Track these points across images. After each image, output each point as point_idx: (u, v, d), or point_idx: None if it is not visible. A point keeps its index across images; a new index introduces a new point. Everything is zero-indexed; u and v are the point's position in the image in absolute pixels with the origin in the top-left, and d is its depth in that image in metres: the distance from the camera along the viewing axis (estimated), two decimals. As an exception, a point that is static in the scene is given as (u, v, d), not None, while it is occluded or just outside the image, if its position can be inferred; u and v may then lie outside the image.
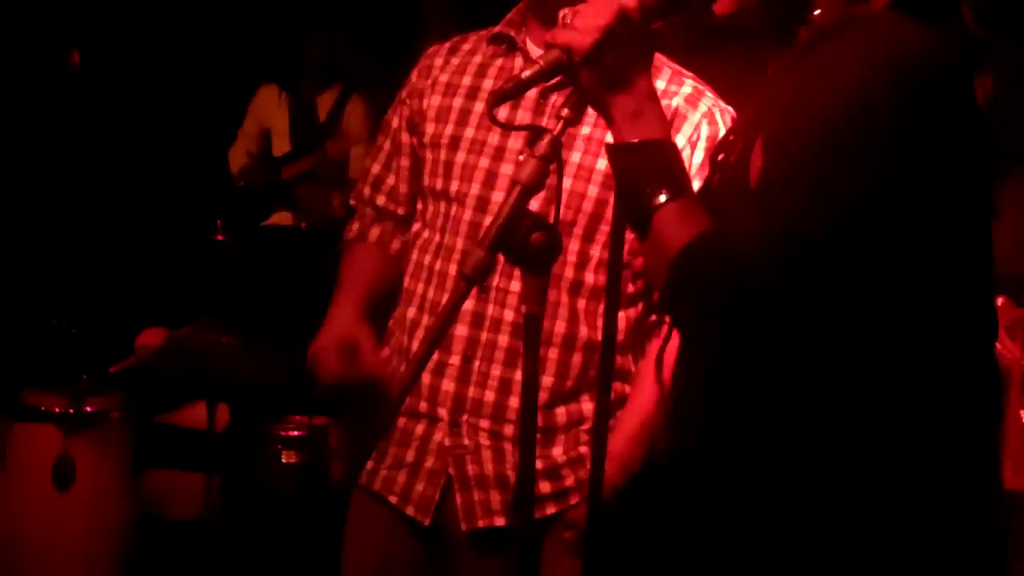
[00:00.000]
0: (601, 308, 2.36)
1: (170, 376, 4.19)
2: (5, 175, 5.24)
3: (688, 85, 2.44)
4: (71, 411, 3.98)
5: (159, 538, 4.36)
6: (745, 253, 1.45)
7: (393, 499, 2.46)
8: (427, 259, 2.50)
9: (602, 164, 2.36)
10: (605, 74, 1.55)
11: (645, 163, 1.56)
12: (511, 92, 1.57)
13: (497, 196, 2.39)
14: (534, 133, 1.55)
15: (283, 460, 4.02)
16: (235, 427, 4.40)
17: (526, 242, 1.50)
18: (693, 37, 1.75)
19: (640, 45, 1.57)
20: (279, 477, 4.03)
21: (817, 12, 1.59)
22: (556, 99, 2.29)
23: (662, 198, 1.53)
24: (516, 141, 2.41)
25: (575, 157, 2.38)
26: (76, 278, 5.21)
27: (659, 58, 2.45)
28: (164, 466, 4.46)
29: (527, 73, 1.55)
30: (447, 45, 2.60)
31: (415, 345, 2.48)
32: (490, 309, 2.40)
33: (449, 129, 2.50)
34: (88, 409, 4.02)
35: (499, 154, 2.43)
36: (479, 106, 2.47)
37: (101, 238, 5.29)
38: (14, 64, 5.80)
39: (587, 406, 2.40)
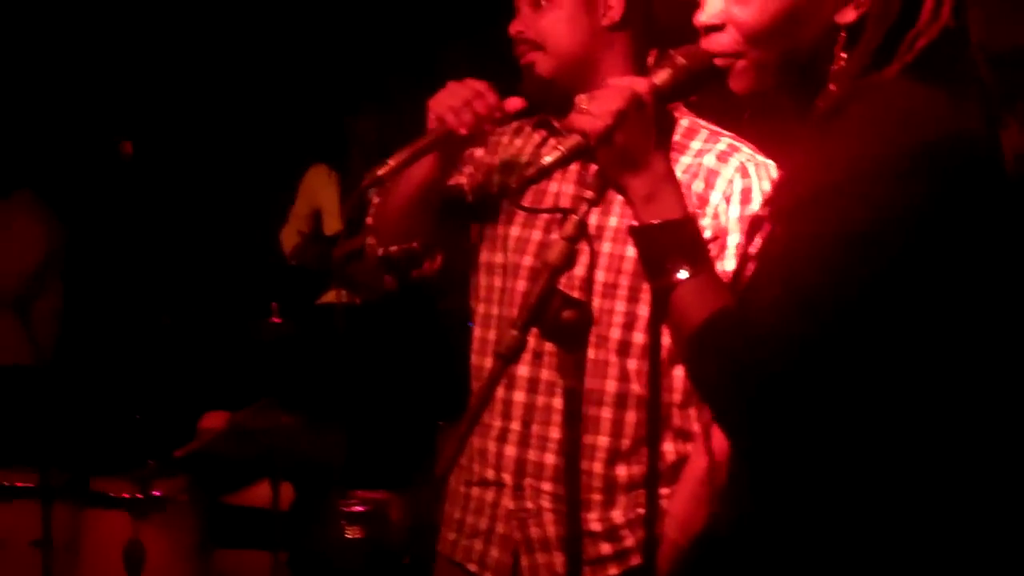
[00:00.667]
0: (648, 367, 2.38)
1: (233, 457, 4.26)
2: (66, 264, 5.36)
3: (723, 143, 2.51)
4: (139, 496, 4.06)
5: (229, 617, 4.43)
6: (757, 332, 1.49)
7: (472, 567, 2.55)
8: (490, 334, 2.58)
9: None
10: (619, 156, 1.63)
11: (663, 242, 1.63)
12: (535, 178, 1.65)
13: None
14: (562, 216, 1.62)
15: (347, 535, 4.09)
16: (299, 505, 4.46)
17: (557, 320, 1.57)
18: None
19: (654, 127, 1.65)
20: (344, 552, 4.09)
21: (832, 86, 1.63)
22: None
23: (681, 275, 1.60)
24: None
25: (612, 221, 2.46)
26: (138, 366, 5.31)
27: (696, 120, 2.54)
28: (231, 546, 4.52)
29: (548, 160, 1.63)
30: (513, 126, 2.69)
31: (490, 419, 2.55)
32: (543, 374, 2.49)
33: (506, 204, 2.60)
34: (155, 493, 4.09)
35: (549, 227, 2.52)
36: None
37: (160, 325, 5.39)
38: (69, 156, 5.94)
39: (638, 467, 2.46)
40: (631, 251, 2.39)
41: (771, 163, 2.47)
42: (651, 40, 2.54)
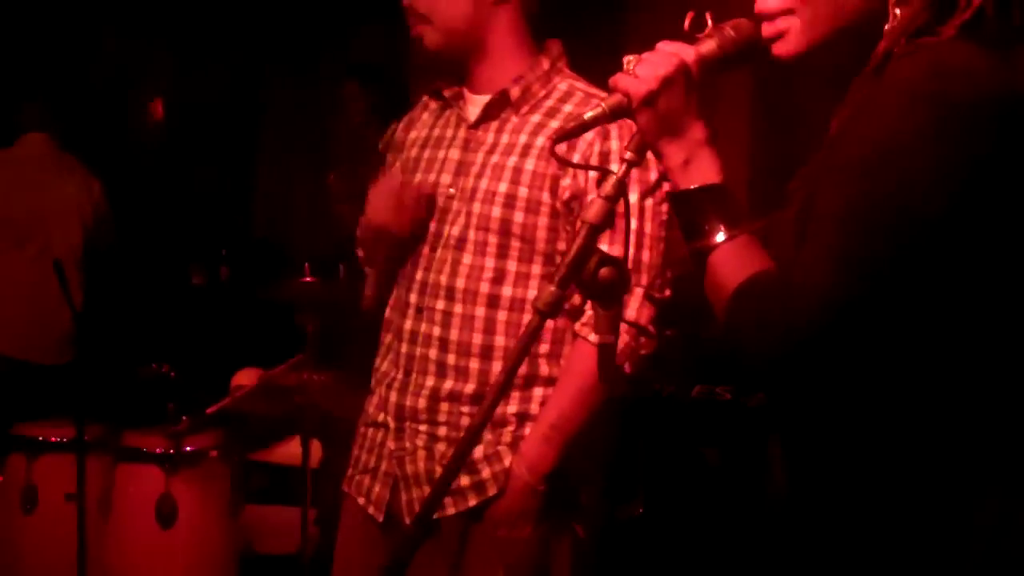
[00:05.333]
0: (522, 318, 2.61)
1: (265, 414, 4.31)
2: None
3: (591, 107, 2.59)
4: (171, 451, 4.12)
5: (258, 573, 4.48)
6: (797, 292, 1.50)
7: (361, 500, 2.76)
8: (403, 292, 2.75)
9: (503, 187, 2.60)
10: (659, 121, 1.65)
11: (700, 206, 1.65)
12: (573, 131, 1.68)
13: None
14: (602, 175, 1.64)
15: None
16: (328, 462, 4.51)
17: (595, 277, 1.60)
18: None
19: (696, 96, 1.66)
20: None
21: (883, 43, 1.61)
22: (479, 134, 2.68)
23: (718, 238, 1.63)
24: (444, 176, 2.70)
25: (483, 184, 2.64)
26: (173, 322, 5.36)
27: (574, 84, 2.69)
28: (261, 502, 4.57)
29: (589, 115, 1.65)
30: (423, 100, 2.88)
31: (386, 367, 2.77)
32: (423, 327, 2.68)
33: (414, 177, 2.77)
34: (188, 449, 4.16)
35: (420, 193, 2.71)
36: (428, 152, 2.77)
37: (195, 284, 5.44)
38: (104, 115, 5.97)
39: (510, 408, 2.63)
40: (496, 211, 2.60)
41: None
42: (542, 11, 2.73)
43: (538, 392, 2.63)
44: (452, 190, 2.67)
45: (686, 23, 1.71)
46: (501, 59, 2.67)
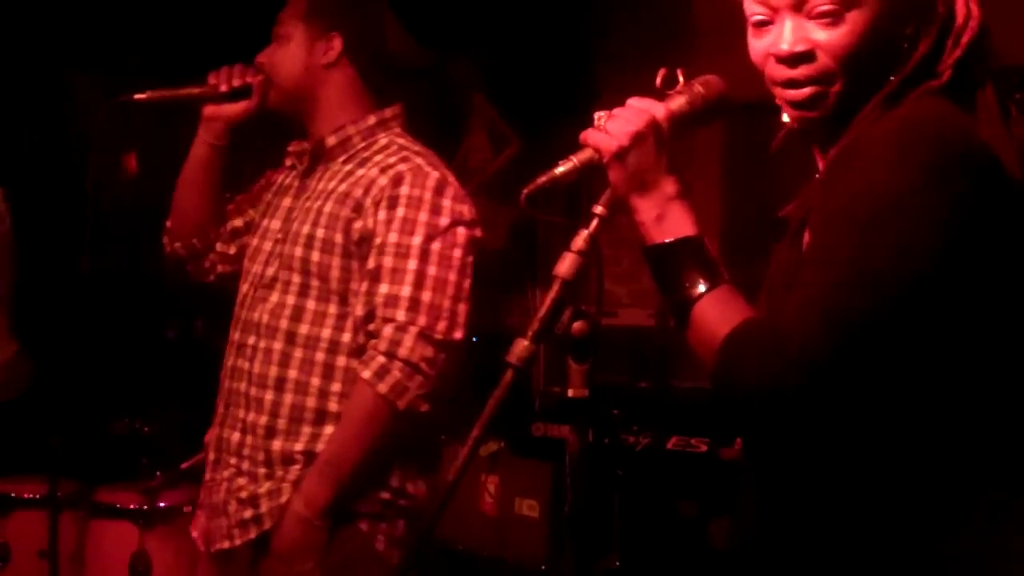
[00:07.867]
0: (317, 356, 2.70)
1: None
2: (71, 279, 5.36)
3: (397, 156, 2.77)
4: (145, 507, 4.10)
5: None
6: (782, 339, 1.51)
7: (195, 533, 2.89)
8: (235, 335, 2.85)
9: (305, 229, 2.73)
10: (630, 177, 1.66)
11: (678, 259, 1.66)
12: (545, 184, 1.67)
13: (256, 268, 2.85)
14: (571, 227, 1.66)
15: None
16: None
17: (568, 331, 1.61)
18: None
19: (667, 151, 1.68)
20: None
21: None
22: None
23: (700, 288, 1.63)
24: (276, 223, 2.87)
25: (294, 227, 2.78)
26: (147, 378, 5.33)
27: (395, 139, 2.83)
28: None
29: (561, 169, 1.67)
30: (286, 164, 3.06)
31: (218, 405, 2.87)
32: (239, 362, 2.79)
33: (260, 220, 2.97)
34: (162, 504, 4.14)
35: (272, 238, 2.86)
36: (274, 199, 2.95)
37: (168, 339, 5.42)
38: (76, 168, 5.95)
39: (298, 446, 2.68)
40: (298, 251, 2.73)
41: (435, 174, 2.71)
42: (382, 72, 2.90)
43: (328, 430, 2.68)
44: (280, 235, 2.81)
45: (658, 80, 1.73)
46: (329, 116, 2.86)
